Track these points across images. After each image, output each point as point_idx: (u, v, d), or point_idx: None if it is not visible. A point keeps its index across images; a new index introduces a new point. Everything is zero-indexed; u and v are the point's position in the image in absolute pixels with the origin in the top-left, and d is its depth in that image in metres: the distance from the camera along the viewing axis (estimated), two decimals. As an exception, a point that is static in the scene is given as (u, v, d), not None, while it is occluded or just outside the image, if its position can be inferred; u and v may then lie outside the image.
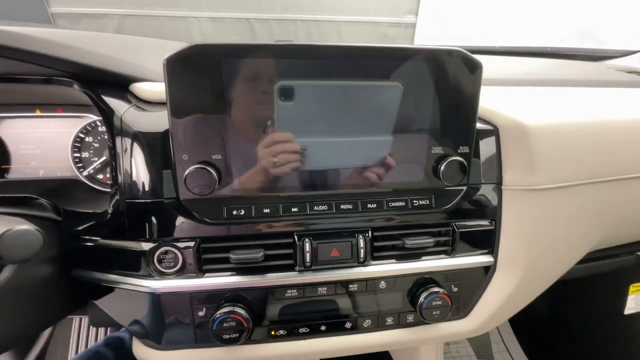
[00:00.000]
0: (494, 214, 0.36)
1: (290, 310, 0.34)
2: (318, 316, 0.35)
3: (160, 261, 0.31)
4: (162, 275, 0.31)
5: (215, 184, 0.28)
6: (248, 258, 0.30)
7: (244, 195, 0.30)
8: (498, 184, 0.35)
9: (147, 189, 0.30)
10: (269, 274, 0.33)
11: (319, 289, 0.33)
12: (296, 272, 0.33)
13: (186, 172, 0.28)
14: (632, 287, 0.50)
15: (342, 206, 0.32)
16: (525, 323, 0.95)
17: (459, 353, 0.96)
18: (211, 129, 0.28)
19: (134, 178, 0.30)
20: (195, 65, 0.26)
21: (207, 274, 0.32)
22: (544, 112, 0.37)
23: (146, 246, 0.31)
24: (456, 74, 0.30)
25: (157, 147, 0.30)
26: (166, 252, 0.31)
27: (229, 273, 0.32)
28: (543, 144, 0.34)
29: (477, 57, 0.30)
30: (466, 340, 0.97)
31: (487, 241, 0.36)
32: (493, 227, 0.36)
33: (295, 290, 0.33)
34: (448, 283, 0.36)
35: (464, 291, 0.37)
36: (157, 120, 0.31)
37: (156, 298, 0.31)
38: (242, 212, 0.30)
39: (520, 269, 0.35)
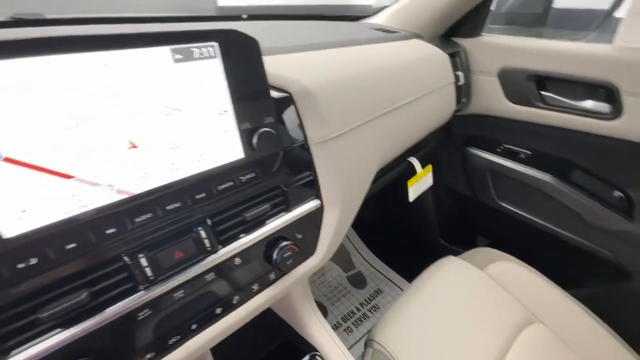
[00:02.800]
0: (310, 166, 0.43)
1: (153, 330, 0.32)
2: (186, 319, 0.34)
3: None
4: None
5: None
6: (67, 308, 0.25)
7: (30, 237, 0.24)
8: (305, 142, 0.42)
9: None
10: (107, 309, 0.29)
11: (174, 294, 0.32)
12: (142, 291, 0.30)
13: None
14: (409, 183, 0.73)
15: (168, 207, 0.31)
16: (367, 230, 1.25)
17: (332, 274, 1.17)
18: None
19: None
20: None
21: (14, 355, 0.25)
22: (324, 73, 0.45)
23: None
24: (237, 52, 0.32)
25: None
26: None
27: (50, 334, 0.26)
28: (327, 101, 0.42)
29: (251, 23, 0.32)
30: (332, 262, 1.20)
31: (312, 189, 0.44)
32: (313, 177, 0.43)
33: (148, 309, 0.31)
34: (292, 233, 0.42)
35: (307, 235, 0.44)
36: None
37: None
38: (34, 262, 0.24)
39: (339, 202, 0.45)
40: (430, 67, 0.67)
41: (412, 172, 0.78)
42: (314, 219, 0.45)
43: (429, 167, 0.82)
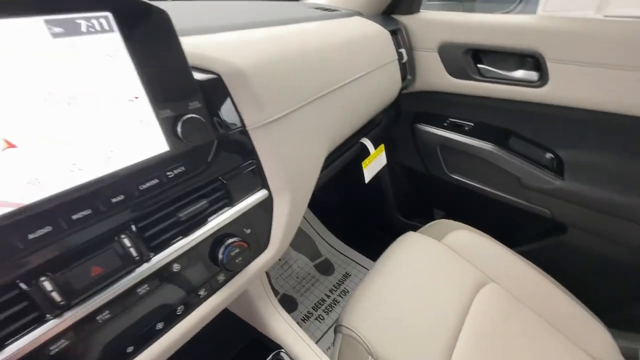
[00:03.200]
0: (251, 153, 0.39)
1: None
2: (119, 343, 0.29)
3: None
4: None
5: None
6: None
7: None
8: (243, 127, 0.38)
9: None
10: (7, 348, 0.23)
11: (97, 317, 0.27)
12: (52, 321, 0.25)
13: None
14: (363, 164, 0.73)
15: (74, 217, 0.25)
16: (329, 215, 1.24)
17: (298, 265, 1.15)
18: None
19: None
20: None
21: None
22: (257, 52, 0.42)
23: None
24: (142, 25, 0.27)
25: None
26: None
27: None
28: (262, 81, 0.38)
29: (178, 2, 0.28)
30: (298, 253, 1.18)
31: (257, 178, 0.40)
32: (256, 165, 0.40)
33: (64, 340, 0.26)
34: (240, 229, 0.39)
35: (257, 228, 0.41)
36: None
37: None
38: None
39: (289, 190, 0.43)
40: (373, 44, 0.66)
41: (365, 153, 0.78)
42: (263, 211, 0.42)
43: (382, 147, 0.82)
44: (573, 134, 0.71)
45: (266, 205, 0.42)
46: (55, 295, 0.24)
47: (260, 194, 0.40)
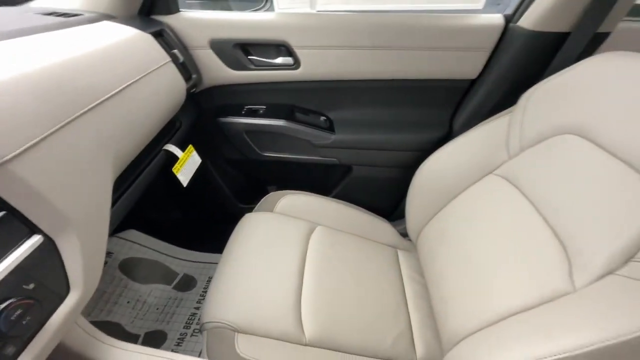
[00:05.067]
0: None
1: None
2: None
3: None
4: None
5: None
6: None
7: None
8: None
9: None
10: None
11: None
12: None
13: None
14: (174, 170, 0.73)
15: None
16: (170, 231, 1.17)
17: (155, 296, 1.05)
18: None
19: None
20: None
21: None
22: None
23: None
24: None
25: None
26: None
27: None
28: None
29: None
30: (150, 285, 1.07)
31: (18, 226, 0.35)
32: (9, 211, 0.34)
33: None
34: (18, 287, 0.33)
35: (45, 279, 0.36)
36: None
37: None
38: None
39: (71, 227, 0.39)
40: (133, 48, 0.64)
41: (174, 158, 0.77)
42: (46, 257, 0.37)
43: (191, 148, 0.83)
44: (333, 99, 0.96)
45: (47, 251, 0.37)
46: None
47: (32, 241, 0.36)
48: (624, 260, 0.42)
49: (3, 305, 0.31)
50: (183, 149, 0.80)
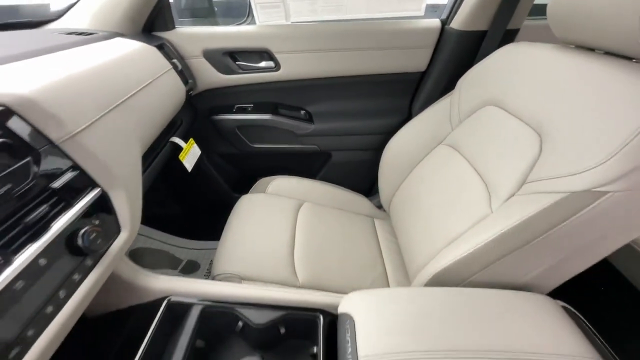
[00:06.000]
0: (70, 161, 0.47)
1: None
2: (18, 329, 0.35)
3: None
4: None
5: None
6: None
7: None
8: (52, 143, 0.45)
9: None
10: None
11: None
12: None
13: None
14: (181, 157, 0.87)
15: None
16: (173, 223, 1.29)
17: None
18: None
19: None
20: None
21: None
22: (42, 78, 0.48)
23: None
24: None
25: None
26: None
27: None
28: (54, 102, 0.46)
29: None
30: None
31: (85, 180, 0.49)
32: (79, 170, 0.48)
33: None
34: (89, 222, 0.47)
35: (104, 219, 0.50)
36: None
37: None
38: None
39: (119, 184, 0.53)
40: (144, 58, 0.79)
41: (179, 149, 0.92)
42: (103, 205, 0.51)
43: (192, 141, 0.98)
44: (310, 95, 1.13)
45: (104, 200, 0.51)
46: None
47: (94, 192, 0.49)
48: (519, 185, 0.60)
49: (84, 229, 0.45)
50: (185, 142, 0.94)
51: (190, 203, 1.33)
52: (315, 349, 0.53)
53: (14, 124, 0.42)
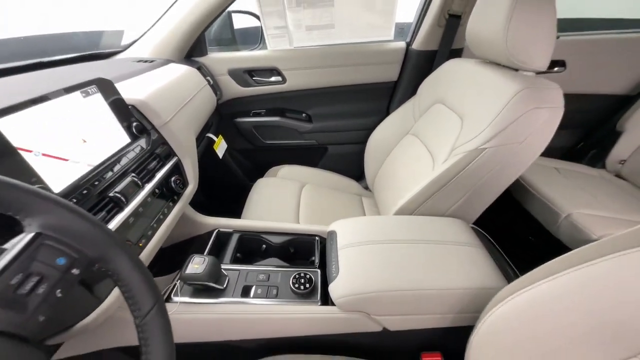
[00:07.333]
0: (163, 139, 0.78)
1: (133, 231, 0.62)
2: (147, 223, 0.66)
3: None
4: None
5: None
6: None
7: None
8: (154, 127, 0.77)
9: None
10: (110, 223, 0.57)
11: (139, 209, 0.63)
12: (125, 210, 0.60)
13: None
14: (215, 147, 1.19)
15: (115, 169, 0.61)
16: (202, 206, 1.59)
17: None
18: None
19: None
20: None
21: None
22: (148, 89, 0.80)
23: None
24: (106, 88, 0.64)
25: None
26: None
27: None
28: (155, 102, 0.78)
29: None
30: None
31: (170, 151, 0.80)
32: (168, 145, 0.79)
33: (131, 217, 0.61)
34: (175, 175, 0.78)
35: (180, 175, 0.81)
36: None
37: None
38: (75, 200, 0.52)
39: (186, 154, 0.84)
40: (190, 77, 1.12)
41: (212, 142, 1.24)
42: (179, 165, 0.82)
43: (220, 137, 1.30)
44: (309, 101, 1.45)
45: (178, 164, 0.82)
46: (123, 198, 0.60)
47: (174, 159, 0.81)
48: (450, 152, 0.89)
49: (173, 178, 0.76)
50: (215, 137, 1.26)
51: (216, 187, 1.63)
52: (313, 258, 0.82)
53: (138, 115, 0.74)
